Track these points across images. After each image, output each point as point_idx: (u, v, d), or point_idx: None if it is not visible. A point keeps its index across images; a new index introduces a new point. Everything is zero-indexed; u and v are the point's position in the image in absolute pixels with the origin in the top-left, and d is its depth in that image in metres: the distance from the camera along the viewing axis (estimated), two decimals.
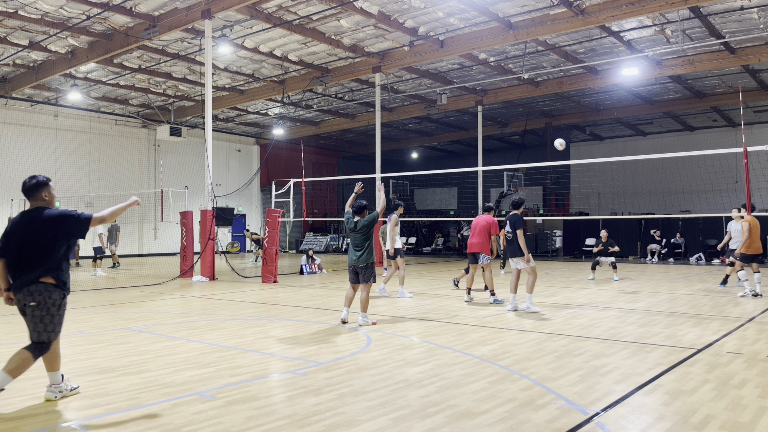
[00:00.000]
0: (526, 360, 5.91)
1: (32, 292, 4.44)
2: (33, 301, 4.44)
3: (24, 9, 14.89)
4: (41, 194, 4.68)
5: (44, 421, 4.12)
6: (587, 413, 4.26)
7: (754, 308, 9.57)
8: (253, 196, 32.11)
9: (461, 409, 4.36)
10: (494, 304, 10.10)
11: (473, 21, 15.97)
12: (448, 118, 28.77)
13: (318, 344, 6.78)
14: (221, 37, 15.97)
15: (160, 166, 26.00)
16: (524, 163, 22.93)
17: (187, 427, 4.00)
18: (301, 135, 29.68)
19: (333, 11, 15.10)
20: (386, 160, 26.31)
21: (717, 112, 25.73)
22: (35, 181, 4.68)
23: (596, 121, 28.09)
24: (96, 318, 8.88)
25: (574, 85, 21.31)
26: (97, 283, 14.67)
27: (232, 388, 4.93)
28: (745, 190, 10.35)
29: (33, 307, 4.45)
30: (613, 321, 8.39)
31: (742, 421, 4.10)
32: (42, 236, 4.50)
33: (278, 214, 14.94)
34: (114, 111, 25.59)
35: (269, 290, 12.88)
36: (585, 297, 11.23)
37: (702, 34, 16.53)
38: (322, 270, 17.47)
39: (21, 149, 23.14)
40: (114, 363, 5.80)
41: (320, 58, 19.18)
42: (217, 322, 8.43)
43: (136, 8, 15.05)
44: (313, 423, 4.06)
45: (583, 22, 14.82)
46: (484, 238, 10.21)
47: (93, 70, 20.01)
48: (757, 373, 5.38)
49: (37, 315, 4.46)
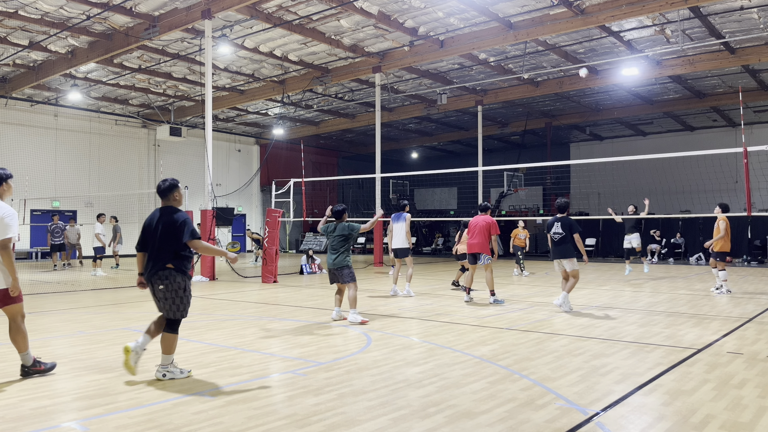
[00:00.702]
0: (526, 360, 5.91)
1: (161, 277, 5.18)
2: (161, 284, 5.19)
3: (24, 9, 14.90)
4: (173, 195, 5.44)
5: (44, 421, 4.12)
6: (587, 413, 4.26)
7: (754, 308, 9.57)
8: (253, 196, 32.11)
9: (461, 409, 4.36)
10: (494, 304, 10.10)
11: (473, 21, 15.97)
12: (448, 118, 28.77)
13: (318, 344, 6.78)
14: (221, 37, 15.97)
15: (160, 166, 26.01)
16: (524, 163, 22.94)
17: (187, 427, 4.00)
18: (301, 135, 29.69)
19: (333, 11, 15.10)
20: (386, 160, 26.33)
21: (717, 112, 25.73)
22: (168, 183, 5.44)
23: (596, 121, 28.09)
24: (96, 318, 8.88)
25: (574, 85, 21.31)
26: (97, 283, 14.68)
27: (232, 388, 4.93)
28: (745, 190, 10.35)
29: (162, 290, 5.20)
30: (613, 321, 8.39)
31: (742, 421, 4.10)
32: (168, 231, 5.23)
33: (278, 214, 14.94)
34: (114, 111, 25.60)
35: (269, 290, 12.88)
36: (585, 297, 11.23)
37: (702, 34, 16.53)
38: (322, 270, 17.46)
39: (21, 149, 23.15)
40: (114, 363, 5.80)
41: (320, 58, 19.18)
42: (217, 322, 8.43)
43: (136, 8, 15.05)
44: (313, 423, 4.06)
45: (583, 22, 14.82)
46: (484, 238, 10.23)
47: (93, 70, 20.01)
48: (757, 373, 5.38)
49: (169, 297, 5.20)
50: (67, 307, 10.19)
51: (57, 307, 10.20)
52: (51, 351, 6.47)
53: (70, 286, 13.89)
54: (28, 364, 5.26)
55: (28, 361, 5.26)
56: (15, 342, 5.22)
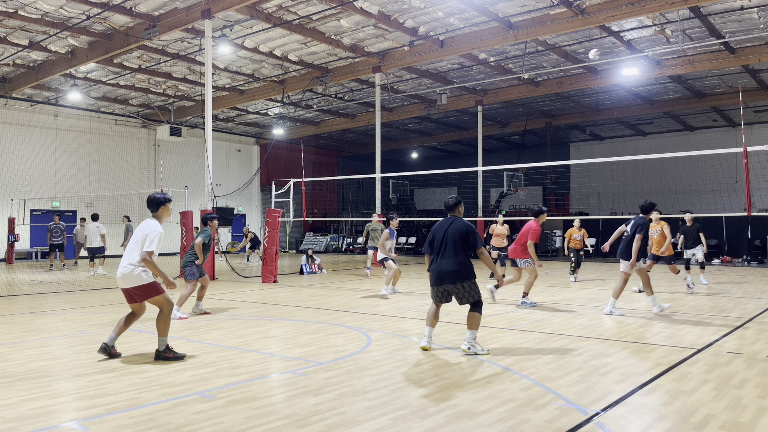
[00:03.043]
0: (526, 360, 5.91)
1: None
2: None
3: (24, 9, 14.89)
4: (458, 209, 6.49)
5: (44, 421, 4.12)
6: (587, 413, 4.26)
7: (754, 308, 9.57)
8: (253, 196, 32.11)
9: (461, 409, 4.36)
10: (522, 306, 9.88)
11: (473, 21, 15.97)
12: (448, 118, 28.77)
13: (318, 344, 6.78)
14: (221, 37, 15.96)
15: (160, 166, 26.00)
16: (524, 163, 22.93)
17: (187, 427, 4.00)
18: (301, 135, 29.68)
19: (333, 11, 15.10)
20: (386, 160, 26.32)
21: (717, 112, 25.72)
22: (454, 200, 6.48)
23: (596, 121, 28.09)
24: (96, 318, 8.88)
25: (574, 85, 21.31)
26: (97, 282, 14.67)
27: (232, 388, 4.93)
28: (745, 190, 10.35)
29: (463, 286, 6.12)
30: (613, 321, 8.39)
31: (742, 421, 4.10)
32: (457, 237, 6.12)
33: (278, 214, 14.94)
34: (114, 111, 25.60)
35: (269, 290, 12.88)
36: (585, 297, 11.23)
37: (702, 34, 16.53)
38: (321, 270, 17.47)
39: (21, 149, 23.15)
40: (114, 363, 5.80)
41: (320, 58, 19.17)
42: (217, 322, 8.43)
43: (136, 8, 15.05)
44: (313, 423, 4.06)
45: (583, 22, 14.82)
46: (520, 243, 9.95)
47: (93, 70, 20.01)
48: (757, 373, 5.38)
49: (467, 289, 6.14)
50: (67, 307, 10.19)
51: (57, 307, 10.20)
52: (51, 351, 6.47)
53: (70, 286, 13.88)
54: (161, 348, 5.94)
55: (162, 346, 5.94)
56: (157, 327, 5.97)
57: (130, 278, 5.85)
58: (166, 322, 5.94)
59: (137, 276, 5.83)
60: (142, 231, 5.90)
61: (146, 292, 5.89)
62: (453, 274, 6.04)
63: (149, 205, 6.16)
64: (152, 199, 6.15)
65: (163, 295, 5.94)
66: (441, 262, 6.16)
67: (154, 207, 6.13)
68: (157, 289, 5.92)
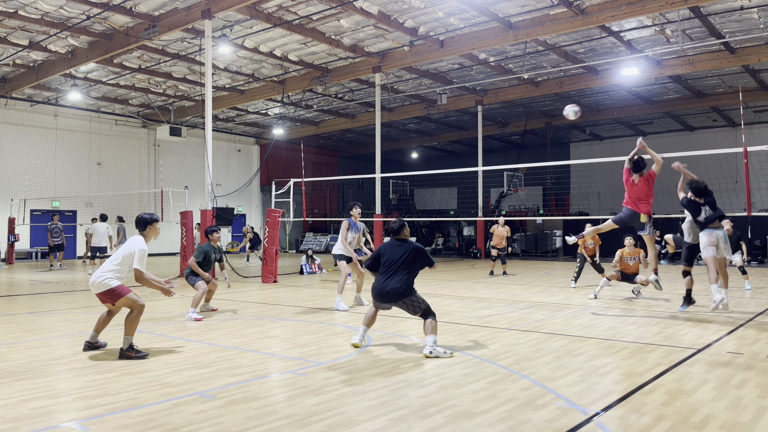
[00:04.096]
0: (526, 360, 5.91)
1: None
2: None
3: (24, 9, 14.90)
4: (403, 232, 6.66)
5: (44, 421, 4.12)
6: (587, 413, 4.26)
7: (754, 308, 9.57)
8: (253, 196, 32.11)
9: (461, 409, 4.36)
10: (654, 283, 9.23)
11: (473, 21, 15.97)
12: (448, 118, 28.77)
13: (318, 344, 6.78)
14: (221, 37, 15.96)
15: (160, 166, 26.01)
16: (524, 163, 22.92)
17: (187, 427, 4.00)
18: (301, 135, 29.68)
19: (333, 11, 15.10)
20: (386, 160, 26.31)
21: (717, 112, 25.73)
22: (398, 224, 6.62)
23: (596, 121, 28.09)
24: (96, 318, 8.85)
25: (574, 85, 21.31)
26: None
27: (232, 388, 4.93)
28: (745, 190, 10.35)
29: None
30: (613, 321, 8.39)
31: (742, 421, 4.09)
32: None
33: (278, 214, 14.94)
34: (114, 111, 25.60)
35: (269, 290, 12.88)
36: (585, 297, 11.23)
37: (702, 34, 16.53)
38: (322, 270, 17.47)
39: (21, 149, 23.15)
40: (114, 363, 5.80)
41: (320, 58, 19.18)
42: (217, 322, 8.43)
43: (136, 8, 15.05)
44: (313, 423, 4.06)
45: (583, 22, 14.82)
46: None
47: (93, 70, 20.01)
48: (757, 373, 5.38)
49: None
50: (67, 307, 10.19)
51: (57, 307, 10.20)
52: (51, 351, 6.47)
53: (70, 286, 13.88)
54: (124, 347, 6.02)
55: (125, 344, 6.03)
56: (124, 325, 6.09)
57: (97, 285, 6.12)
58: (134, 322, 6.07)
59: (103, 283, 6.08)
60: (128, 248, 6.17)
61: (111, 296, 6.10)
62: (397, 295, 6.29)
63: (137, 225, 6.42)
64: (140, 219, 6.41)
65: (127, 297, 6.10)
66: (387, 282, 6.33)
67: (141, 226, 6.39)
68: (121, 293, 6.09)
